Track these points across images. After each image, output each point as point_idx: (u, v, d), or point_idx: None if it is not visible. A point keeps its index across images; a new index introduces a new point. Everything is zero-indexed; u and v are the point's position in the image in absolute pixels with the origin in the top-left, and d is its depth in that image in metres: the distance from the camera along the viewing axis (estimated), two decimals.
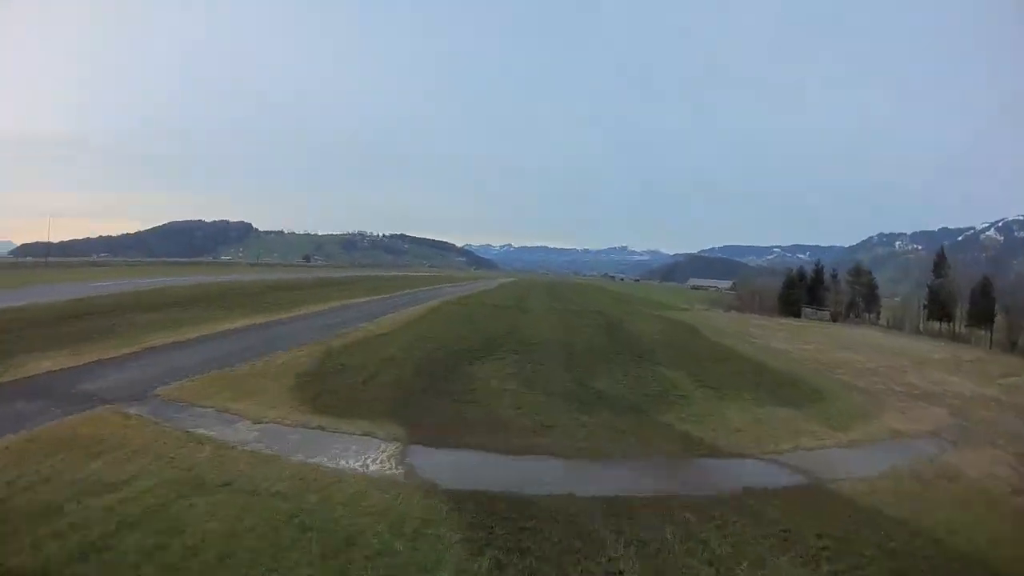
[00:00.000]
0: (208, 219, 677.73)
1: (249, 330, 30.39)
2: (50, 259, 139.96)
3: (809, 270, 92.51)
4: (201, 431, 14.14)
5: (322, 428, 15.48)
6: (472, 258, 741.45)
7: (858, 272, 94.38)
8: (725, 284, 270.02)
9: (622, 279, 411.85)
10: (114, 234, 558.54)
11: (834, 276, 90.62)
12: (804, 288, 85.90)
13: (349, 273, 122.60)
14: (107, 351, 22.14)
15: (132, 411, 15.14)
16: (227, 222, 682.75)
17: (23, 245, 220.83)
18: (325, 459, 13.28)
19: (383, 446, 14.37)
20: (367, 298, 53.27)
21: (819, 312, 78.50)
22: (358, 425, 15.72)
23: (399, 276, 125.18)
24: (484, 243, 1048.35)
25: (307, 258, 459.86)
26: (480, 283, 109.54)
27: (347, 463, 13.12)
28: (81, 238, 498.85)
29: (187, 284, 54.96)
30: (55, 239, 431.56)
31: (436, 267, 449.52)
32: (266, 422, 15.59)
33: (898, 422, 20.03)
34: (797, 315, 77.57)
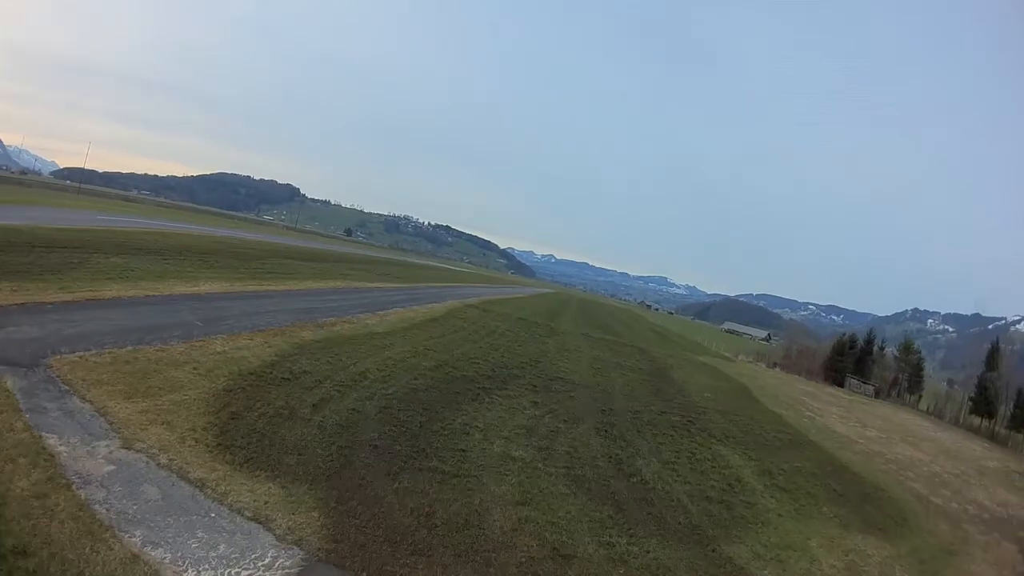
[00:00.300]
0: (256, 176, 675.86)
1: (214, 298, 24.56)
2: (83, 186, 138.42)
3: (860, 339, 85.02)
4: (51, 441, 9.94)
5: (202, 485, 9.81)
6: (513, 262, 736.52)
7: (907, 349, 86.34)
8: (760, 334, 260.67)
9: (657, 309, 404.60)
10: (161, 174, 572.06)
11: (881, 348, 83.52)
12: (852, 357, 79.07)
13: (381, 254, 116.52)
14: (44, 293, 18.75)
15: (8, 383, 11.76)
16: (275, 182, 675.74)
17: (65, 168, 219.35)
18: (166, 558, 7.79)
19: (271, 556, 8.27)
20: (382, 285, 46.84)
21: (864, 385, 71.27)
22: (257, 492, 9.91)
23: (432, 267, 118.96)
24: (527, 249, 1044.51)
25: (349, 232, 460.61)
26: (514, 289, 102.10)
27: None
28: (126, 172, 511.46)
29: (188, 233, 49.13)
30: (100, 169, 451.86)
31: (475, 265, 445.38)
32: (137, 450, 10.53)
33: (984, 567, 16.32)
34: (841, 384, 70.90)
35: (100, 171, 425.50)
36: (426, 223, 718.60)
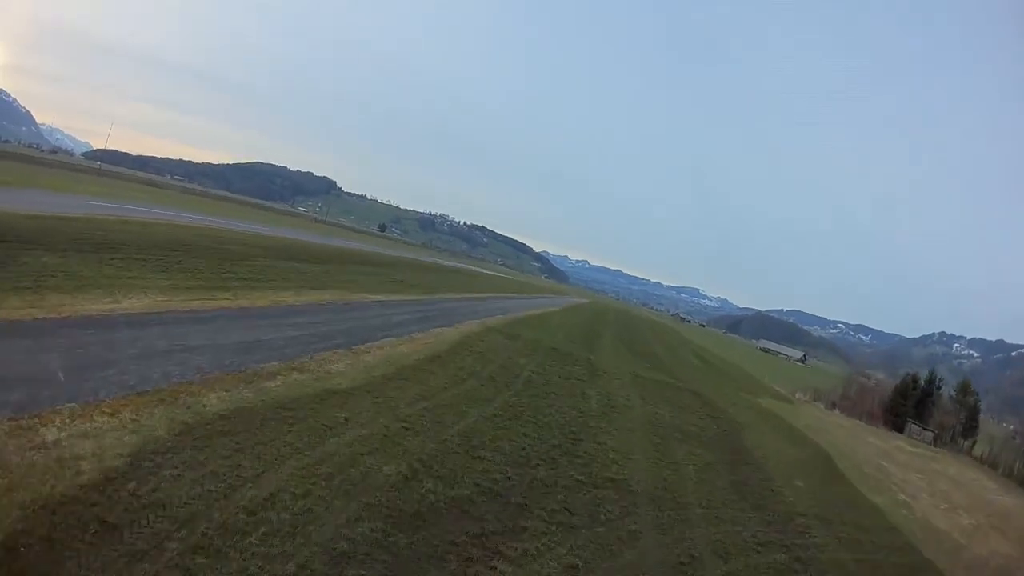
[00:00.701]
0: (292, 167, 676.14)
1: (124, 322, 16.87)
2: (109, 168, 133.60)
3: (922, 378, 77.08)
4: None
5: None
6: (547, 266, 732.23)
7: (965, 391, 78.15)
8: (796, 354, 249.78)
9: (689, 321, 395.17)
10: (196, 160, 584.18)
11: (938, 388, 75.41)
12: (913, 399, 71.31)
13: (407, 254, 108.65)
14: None
15: None
16: (311, 174, 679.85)
17: (98, 150, 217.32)
18: None
19: None
20: (388, 297, 38.05)
21: (924, 432, 63.99)
22: None
23: (462, 270, 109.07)
24: (562, 254, 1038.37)
25: (383, 228, 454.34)
26: (548, 299, 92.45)
27: None
28: (161, 156, 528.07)
29: (178, 224, 41.91)
30: (134, 152, 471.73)
31: (509, 268, 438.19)
32: None
33: None
34: (900, 429, 63.76)
35: (134, 154, 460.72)
36: (462, 223, 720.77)
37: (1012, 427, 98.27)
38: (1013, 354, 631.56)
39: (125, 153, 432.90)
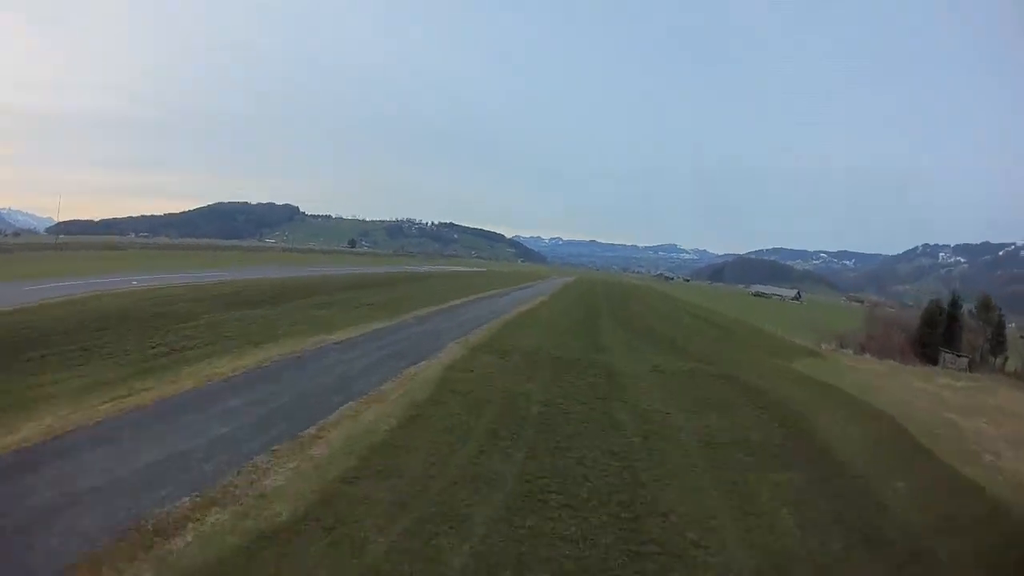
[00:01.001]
0: (254, 201, 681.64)
1: None
2: (63, 240, 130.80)
3: (945, 304, 72.01)
4: None
5: None
6: (521, 249, 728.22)
7: (986, 308, 73.63)
8: (788, 293, 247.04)
9: (672, 279, 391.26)
10: (159, 213, 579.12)
11: (960, 309, 70.84)
12: (941, 327, 66.45)
13: (377, 269, 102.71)
14: None
15: None
16: (273, 204, 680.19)
17: (61, 223, 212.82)
18: None
19: None
20: (348, 334, 31.34)
21: (958, 359, 59.03)
22: None
23: (435, 274, 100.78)
24: (534, 235, 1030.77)
25: (352, 243, 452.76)
26: (530, 290, 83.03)
27: None
28: (123, 216, 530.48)
29: (124, 292, 37.06)
30: (97, 217, 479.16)
31: (484, 258, 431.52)
32: None
33: None
34: (934, 360, 59.08)
35: (96, 219, 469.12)
36: (429, 223, 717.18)
37: None
38: (1000, 254, 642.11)
39: (88, 220, 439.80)
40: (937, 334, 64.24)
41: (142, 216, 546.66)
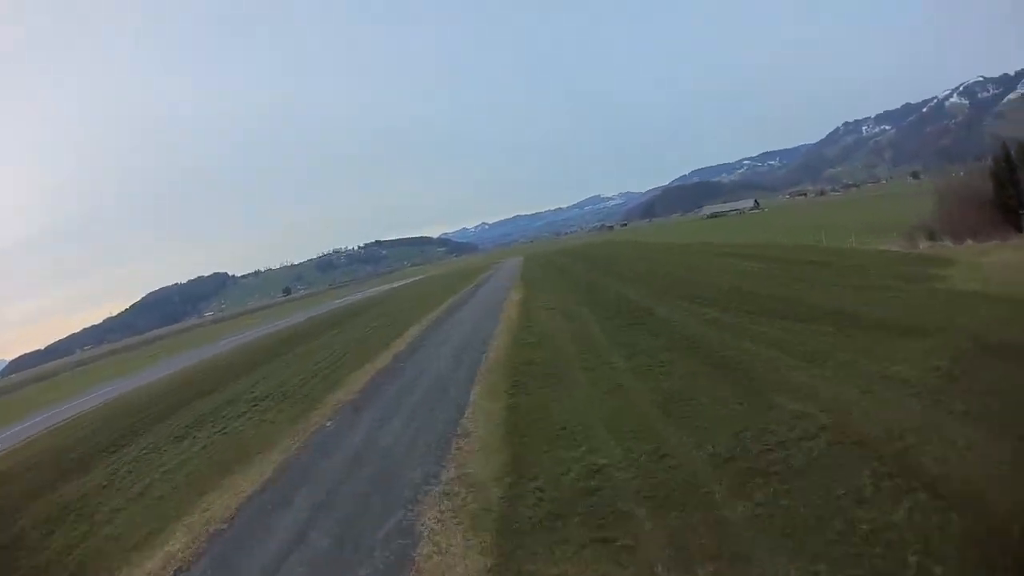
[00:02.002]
0: (183, 280, 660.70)
1: None
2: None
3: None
4: None
5: None
6: (451, 246, 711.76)
7: None
8: (746, 204, 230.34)
9: (612, 227, 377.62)
10: (98, 321, 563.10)
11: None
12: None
13: (299, 316, 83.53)
14: None
15: None
16: (201, 277, 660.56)
17: (13, 360, 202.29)
18: None
19: None
20: (226, 480, 13.14)
21: None
22: None
23: (368, 307, 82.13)
24: (459, 227, 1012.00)
25: (287, 291, 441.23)
26: (484, 291, 56.04)
27: None
28: (67, 335, 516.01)
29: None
30: (44, 344, 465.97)
31: (417, 266, 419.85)
32: None
33: None
34: (1018, 226, 43.21)
35: (43, 347, 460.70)
36: (355, 247, 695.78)
37: None
38: (924, 110, 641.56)
39: (36, 351, 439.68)
40: (1014, 193, 47.31)
41: (83, 329, 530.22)
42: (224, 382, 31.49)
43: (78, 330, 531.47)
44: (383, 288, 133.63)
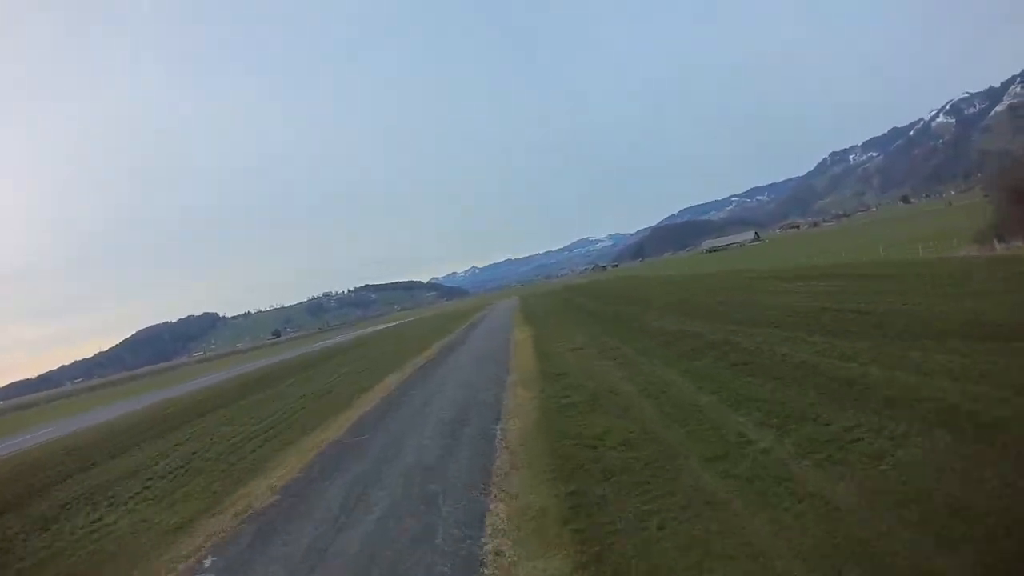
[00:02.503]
0: (173, 319, 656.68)
1: None
2: None
3: None
4: None
5: None
6: (442, 290, 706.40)
7: None
8: (746, 236, 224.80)
9: (607, 267, 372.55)
10: (89, 355, 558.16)
11: None
12: None
13: (273, 359, 75.66)
14: None
15: None
16: (192, 317, 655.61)
17: (6, 387, 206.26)
18: None
19: None
20: None
21: None
22: None
23: (349, 350, 74.85)
24: (449, 272, 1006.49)
25: (277, 333, 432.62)
26: (477, 329, 51.53)
27: None
28: (57, 367, 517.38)
29: None
30: (34, 375, 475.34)
31: (406, 310, 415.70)
32: None
33: None
34: None
35: (34, 376, 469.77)
36: (345, 291, 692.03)
37: None
38: (911, 134, 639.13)
39: (25, 380, 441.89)
40: None
41: (74, 362, 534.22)
42: (144, 440, 23.58)
43: (69, 362, 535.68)
44: (369, 330, 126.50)
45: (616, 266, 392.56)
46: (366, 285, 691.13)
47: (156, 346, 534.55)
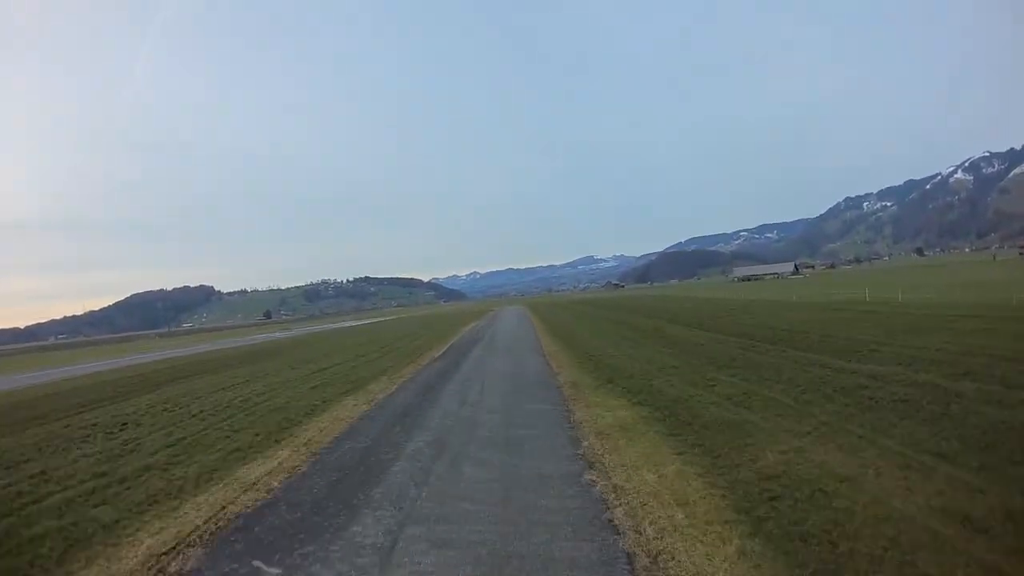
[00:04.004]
0: (169, 287, 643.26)
1: None
2: None
3: None
4: None
5: None
6: (441, 291, 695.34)
7: None
8: (785, 268, 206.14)
9: (622, 286, 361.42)
10: (80, 312, 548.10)
11: None
12: None
13: (257, 337, 63.75)
14: None
15: None
16: (188, 288, 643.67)
17: None
18: None
19: None
20: None
21: None
22: None
23: (317, 335, 64.27)
24: (451, 274, 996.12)
25: (268, 314, 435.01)
26: (456, 361, 45.10)
27: None
28: (46, 321, 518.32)
29: None
30: (23, 324, 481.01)
31: (403, 306, 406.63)
32: None
33: None
34: None
35: (23, 326, 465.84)
36: (344, 280, 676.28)
37: None
38: (928, 187, 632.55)
39: (14, 328, 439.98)
40: None
41: (64, 318, 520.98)
42: None
43: (59, 317, 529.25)
44: (365, 322, 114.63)
45: (621, 286, 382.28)
46: (366, 277, 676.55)
47: (147, 312, 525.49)
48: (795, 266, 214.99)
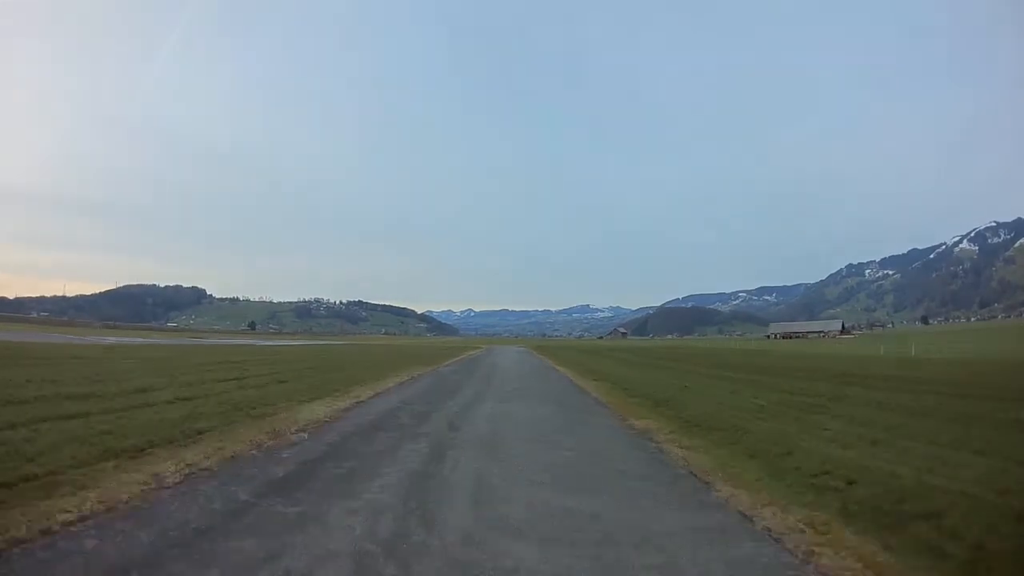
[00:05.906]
0: (161, 284, 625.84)
1: None
2: None
3: None
4: None
5: None
6: (433, 324, 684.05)
7: None
8: (832, 326, 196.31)
9: (623, 333, 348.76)
10: (70, 294, 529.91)
11: None
12: None
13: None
14: None
15: None
16: (180, 287, 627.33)
17: None
18: None
19: None
20: None
21: None
22: None
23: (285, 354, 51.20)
24: (445, 309, 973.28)
25: (252, 326, 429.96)
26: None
27: None
28: (35, 296, 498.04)
29: None
30: (11, 295, 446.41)
31: (392, 334, 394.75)
32: None
33: None
34: None
35: (11, 298, 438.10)
36: (337, 302, 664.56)
37: None
38: (931, 256, 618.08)
39: (3, 298, 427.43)
40: None
41: (54, 296, 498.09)
42: None
43: (48, 295, 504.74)
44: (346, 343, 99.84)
45: (625, 335, 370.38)
46: (359, 301, 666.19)
47: (136, 306, 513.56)
48: (843, 325, 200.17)
